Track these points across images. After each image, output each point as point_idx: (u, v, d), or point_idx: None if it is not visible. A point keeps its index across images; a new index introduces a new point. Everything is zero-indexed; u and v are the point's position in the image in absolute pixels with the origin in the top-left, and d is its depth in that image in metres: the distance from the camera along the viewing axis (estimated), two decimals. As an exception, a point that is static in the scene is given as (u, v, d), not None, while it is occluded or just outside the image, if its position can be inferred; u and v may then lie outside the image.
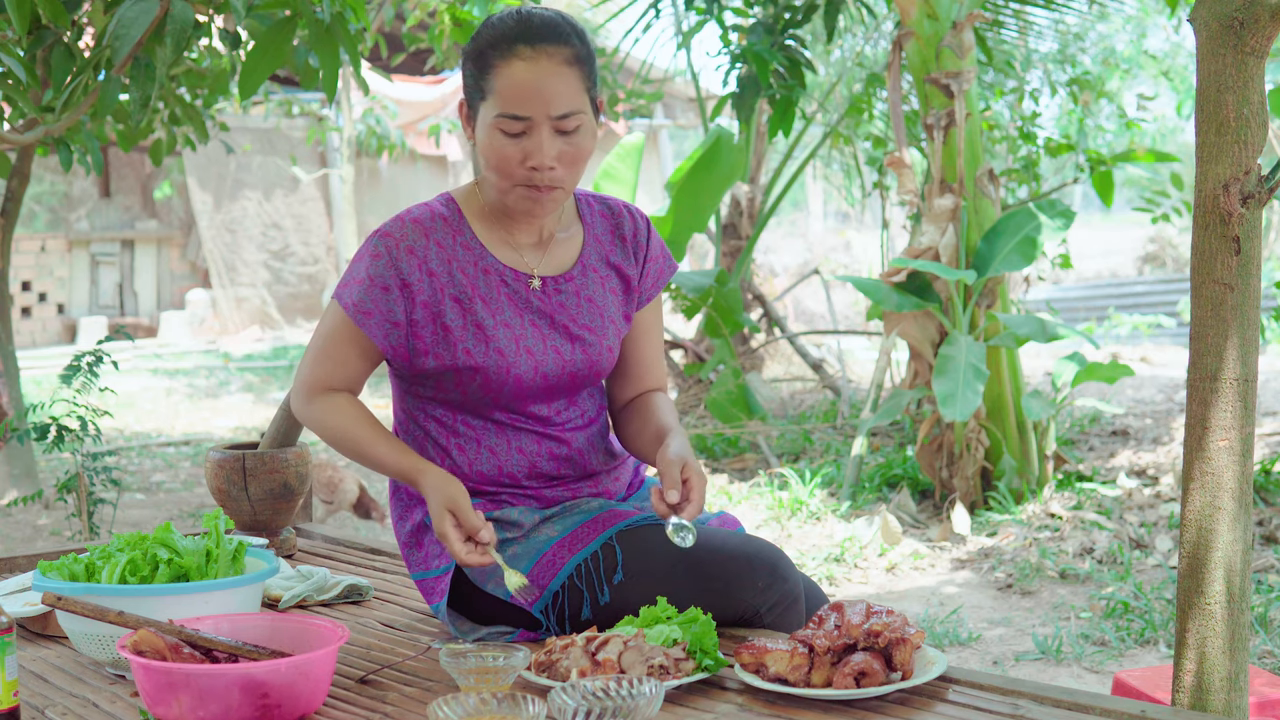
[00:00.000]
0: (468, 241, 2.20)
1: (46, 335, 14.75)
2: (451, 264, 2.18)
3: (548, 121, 2.07)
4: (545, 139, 2.07)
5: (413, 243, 2.16)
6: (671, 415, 2.28)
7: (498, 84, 2.07)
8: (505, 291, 2.21)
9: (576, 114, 2.09)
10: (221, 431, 8.69)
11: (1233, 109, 2.18)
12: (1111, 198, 6.69)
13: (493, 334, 2.18)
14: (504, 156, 2.09)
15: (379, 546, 2.97)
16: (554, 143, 2.08)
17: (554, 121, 2.07)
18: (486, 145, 2.10)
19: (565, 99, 2.07)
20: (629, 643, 1.91)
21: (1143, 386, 8.87)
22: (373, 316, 2.16)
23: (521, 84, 2.06)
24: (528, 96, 2.06)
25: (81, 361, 3.71)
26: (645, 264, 2.34)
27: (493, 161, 2.11)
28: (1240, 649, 2.21)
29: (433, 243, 2.17)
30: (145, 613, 2.00)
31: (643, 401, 2.35)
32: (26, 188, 5.79)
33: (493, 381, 2.18)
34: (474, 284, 2.19)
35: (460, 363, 2.17)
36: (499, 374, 2.18)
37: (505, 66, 2.07)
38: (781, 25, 6.48)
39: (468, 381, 2.19)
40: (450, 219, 2.21)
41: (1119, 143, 13.50)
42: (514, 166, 2.09)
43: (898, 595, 4.69)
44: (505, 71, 2.07)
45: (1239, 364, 2.19)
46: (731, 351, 7.80)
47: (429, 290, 2.16)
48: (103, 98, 3.63)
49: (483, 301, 2.19)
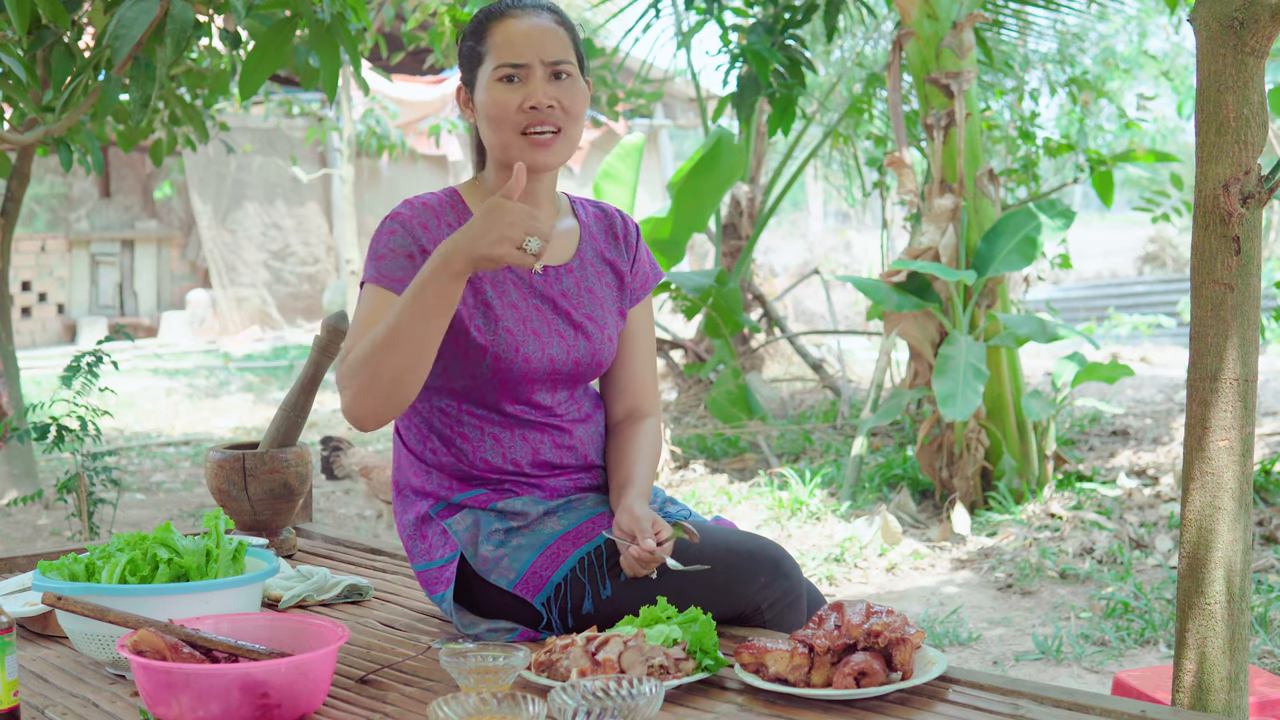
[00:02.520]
0: None
1: (46, 335, 14.75)
2: None
3: (541, 66, 2.19)
4: (540, 81, 2.19)
5: (425, 219, 2.22)
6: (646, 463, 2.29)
7: (493, 42, 2.21)
8: (511, 276, 2.26)
9: (568, 64, 2.21)
10: (221, 431, 8.69)
11: (1233, 109, 2.18)
12: (1111, 198, 6.69)
13: (501, 314, 2.21)
14: (503, 104, 2.18)
15: (379, 546, 2.97)
16: (549, 87, 2.19)
17: (548, 66, 2.19)
18: (487, 101, 2.19)
19: (557, 48, 2.21)
20: (629, 643, 1.91)
21: (1143, 386, 8.87)
22: (402, 282, 2.17)
23: (514, 35, 2.20)
24: (521, 45, 2.19)
25: (81, 361, 3.71)
26: (635, 264, 2.41)
27: (493, 114, 2.19)
28: (1240, 649, 2.22)
29: (443, 224, 2.22)
30: (145, 613, 2.00)
31: (627, 436, 2.34)
32: (26, 188, 5.79)
33: (501, 362, 2.20)
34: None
35: (471, 339, 2.19)
36: (508, 354, 2.20)
37: (499, 25, 2.22)
38: (781, 25, 6.48)
39: (476, 362, 2.20)
40: (455, 207, 2.27)
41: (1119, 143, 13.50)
42: (513, 113, 2.18)
43: (898, 595, 4.69)
44: (499, 29, 2.21)
45: (1239, 364, 2.20)
46: (731, 351, 7.80)
47: None
48: (103, 98, 3.63)
49: (491, 284, 2.23)
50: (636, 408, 2.39)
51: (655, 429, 2.38)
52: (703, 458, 7.00)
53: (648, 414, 2.40)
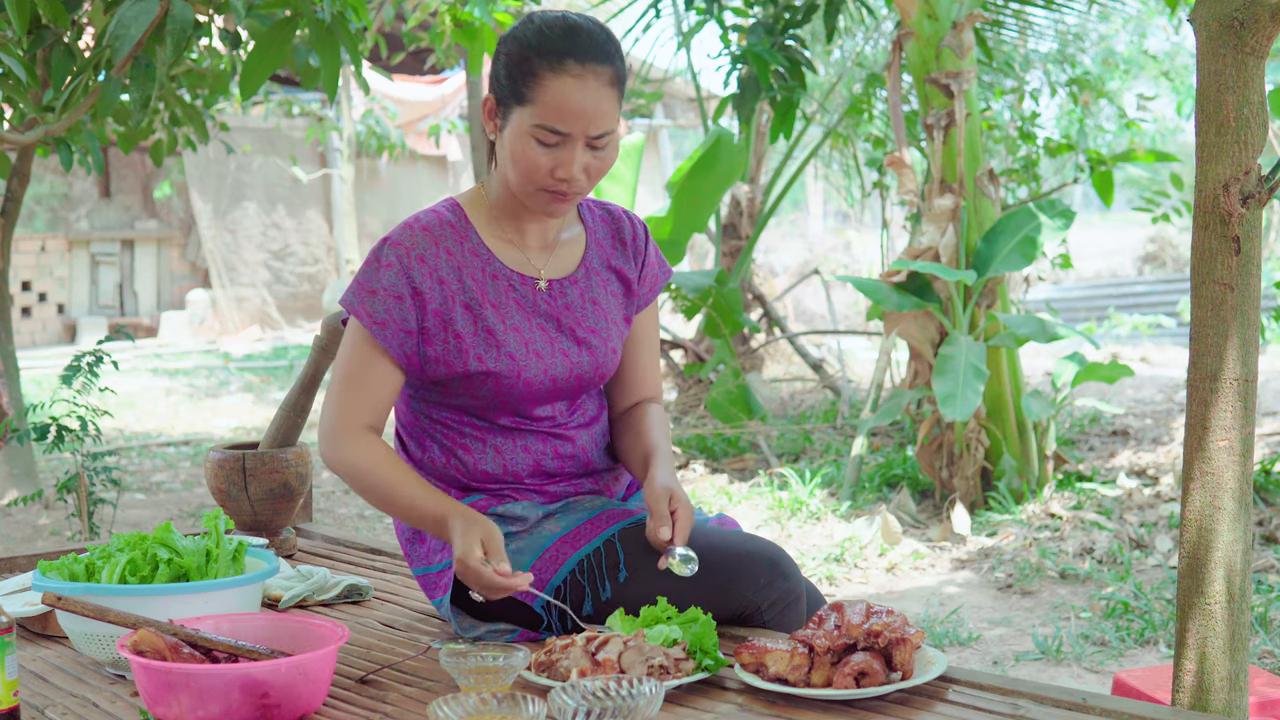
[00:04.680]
0: (475, 247, 2.22)
1: (46, 335, 14.75)
2: (461, 270, 2.20)
3: (584, 138, 2.10)
4: (578, 154, 2.11)
5: (423, 251, 2.17)
6: (661, 435, 2.30)
7: (542, 95, 2.08)
8: (513, 296, 2.23)
9: (610, 133, 2.13)
10: (221, 431, 8.69)
11: (1233, 109, 2.18)
12: (1111, 198, 6.69)
13: (503, 339, 2.19)
14: (534, 164, 2.11)
15: (379, 546, 2.97)
16: (585, 156, 2.12)
17: (590, 139, 2.11)
18: (518, 149, 2.11)
19: (604, 120, 2.10)
20: (629, 643, 1.91)
21: (1143, 386, 8.87)
22: (388, 327, 2.16)
23: (567, 101, 2.07)
24: (571, 115, 2.08)
25: (81, 361, 3.71)
26: (644, 268, 2.37)
27: (521, 165, 2.12)
28: (1240, 649, 2.22)
29: (442, 250, 2.19)
30: (145, 613, 2.00)
31: (636, 416, 2.36)
32: (26, 188, 5.79)
33: (503, 386, 2.20)
34: (483, 289, 2.20)
35: (472, 369, 2.18)
36: (510, 378, 2.19)
37: (554, 80, 2.08)
38: (781, 25, 6.47)
39: (478, 386, 2.20)
40: (457, 225, 2.22)
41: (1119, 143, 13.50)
42: (542, 175, 2.12)
43: (898, 595, 4.69)
44: (553, 85, 2.08)
45: (1239, 364, 2.19)
46: (731, 351, 7.80)
47: (440, 298, 2.18)
48: (103, 98, 3.63)
49: (492, 307, 2.20)
50: (642, 399, 2.40)
51: (662, 411, 2.38)
52: (703, 458, 7.00)
53: (654, 401, 2.41)
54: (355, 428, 2.19)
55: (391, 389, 2.21)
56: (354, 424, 2.19)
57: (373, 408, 2.20)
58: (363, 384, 2.19)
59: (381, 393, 2.20)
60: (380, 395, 2.20)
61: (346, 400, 2.20)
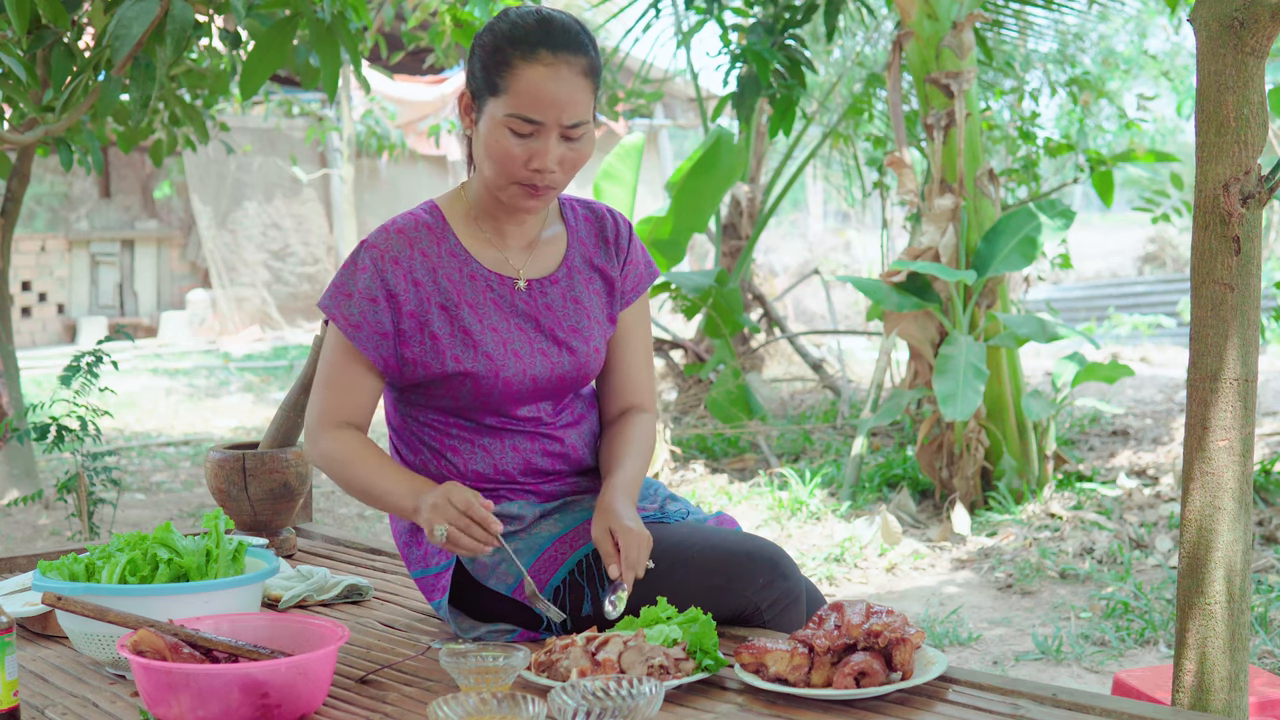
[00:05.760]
0: (453, 248, 2.22)
1: (46, 335, 14.74)
2: (437, 271, 2.20)
3: (557, 128, 2.09)
4: (552, 144, 2.10)
5: (397, 253, 2.18)
6: (634, 453, 2.27)
7: (515, 84, 2.08)
8: (491, 296, 2.22)
9: (584, 124, 2.12)
10: (221, 431, 8.69)
11: (1233, 109, 2.18)
12: (1111, 198, 6.69)
13: (480, 339, 2.19)
14: (508, 155, 2.11)
15: (379, 546, 2.97)
16: (559, 148, 2.11)
17: (563, 129, 2.10)
18: (491, 141, 2.11)
19: (578, 109, 2.10)
20: (629, 643, 1.91)
21: (1143, 386, 8.87)
22: (363, 330, 2.17)
23: (539, 89, 2.07)
24: (544, 103, 2.08)
25: (81, 361, 3.71)
26: (625, 265, 2.35)
27: (495, 156, 2.12)
28: (1240, 649, 2.22)
29: (418, 252, 2.19)
30: (145, 613, 2.00)
31: (617, 429, 2.34)
32: (26, 188, 5.79)
33: (482, 386, 2.19)
34: (460, 290, 2.20)
35: (449, 369, 2.18)
36: (488, 378, 2.19)
37: (526, 69, 2.08)
38: (781, 25, 6.47)
39: (458, 387, 2.20)
40: (434, 226, 2.23)
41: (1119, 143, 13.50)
42: (517, 166, 2.11)
43: (898, 595, 4.69)
44: (525, 74, 2.08)
45: (1239, 364, 2.19)
46: (731, 351, 7.80)
47: (415, 300, 2.18)
48: (103, 98, 3.64)
49: (469, 307, 2.20)
50: (631, 407, 2.37)
51: (647, 423, 2.35)
52: (703, 458, 7.00)
53: (643, 411, 2.38)
54: (334, 424, 2.21)
55: (370, 390, 2.22)
56: (333, 421, 2.22)
57: (353, 407, 2.22)
58: (342, 385, 2.21)
59: (360, 393, 2.21)
60: (359, 396, 2.21)
61: (327, 400, 2.22)
